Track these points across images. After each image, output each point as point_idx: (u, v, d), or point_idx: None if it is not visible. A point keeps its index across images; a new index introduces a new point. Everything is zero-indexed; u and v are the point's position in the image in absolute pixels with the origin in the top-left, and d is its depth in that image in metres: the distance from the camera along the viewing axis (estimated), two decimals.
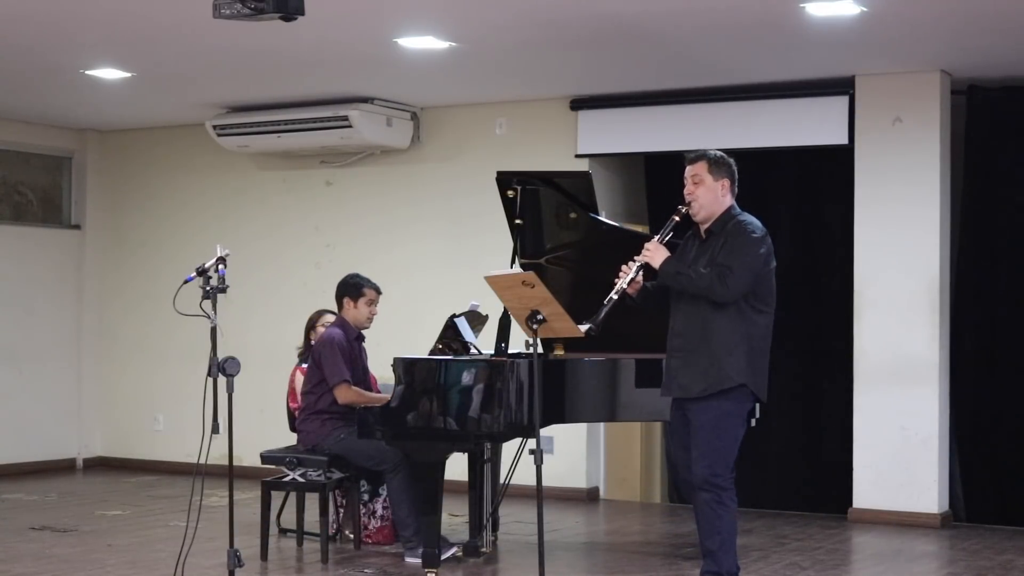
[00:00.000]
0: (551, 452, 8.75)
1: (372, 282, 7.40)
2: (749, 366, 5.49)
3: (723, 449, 5.50)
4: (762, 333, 5.55)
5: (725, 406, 5.49)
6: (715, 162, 5.63)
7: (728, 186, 5.63)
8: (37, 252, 10.98)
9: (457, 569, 6.84)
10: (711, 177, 5.59)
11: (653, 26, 7.23)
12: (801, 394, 9.23)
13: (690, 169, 5.65)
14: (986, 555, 7.42)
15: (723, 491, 5.48)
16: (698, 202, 5.59)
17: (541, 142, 9.47)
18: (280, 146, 9.88)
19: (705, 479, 5.47)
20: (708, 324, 5.48)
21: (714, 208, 5.60)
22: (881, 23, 7.14)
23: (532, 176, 6.98)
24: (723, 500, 5.48)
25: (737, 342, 5.45)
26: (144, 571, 6.77)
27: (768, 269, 5.57)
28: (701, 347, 5.50)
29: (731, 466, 5.53)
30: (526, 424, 6.23)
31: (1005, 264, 8.77)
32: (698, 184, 5.60)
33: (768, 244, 5.57)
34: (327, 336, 7.28)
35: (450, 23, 7.29)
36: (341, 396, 7.14)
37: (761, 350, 5.55)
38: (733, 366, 5.45)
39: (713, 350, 5.46)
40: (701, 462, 5.48)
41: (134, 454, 11.15)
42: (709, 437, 5.48)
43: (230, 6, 5.21)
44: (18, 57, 8.18)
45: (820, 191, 9.28)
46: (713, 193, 5.59)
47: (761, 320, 5.54)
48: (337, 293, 7.41)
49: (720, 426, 5.49)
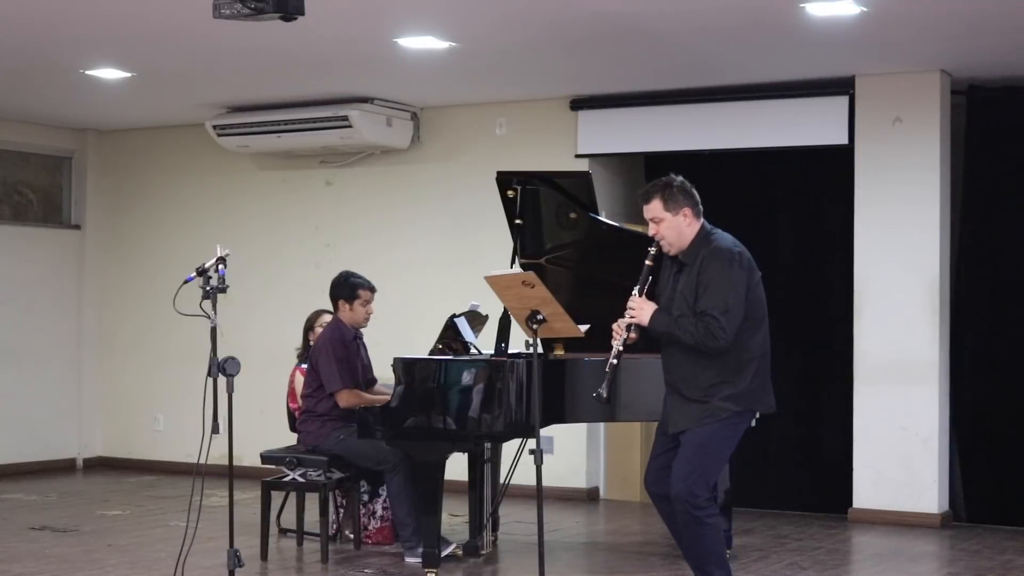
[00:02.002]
0: (551, 452, 8.76)
1: (366, 281, 7.36)
2: (748, 391, 5.34)
3: (706, 469, 5.36)
4: (762, 351, 5.40)
5: (717, 427, 5.34)
6: (667, 196, 5.39)
7: (690, 213, 5.39)
8: (37, 252, 10.98)
9: (457, 569, 6.84)
10: (669, 214, 5.36)
11: (653, 26, 7.23)
12: (801, 394, 9.22)
13: (646, 211, 5.40)
14: (986, 555, 7.42)
15: (701, 510, 5.33)
16: (666, 240, 5.39)
17: (541, 142, 9.47)
18: (280, 146, 9.88)
19: (683, 498, 5.32)
20: (698, 360, 5.31)
21: (684, 240, 5.39)
22: (881, 23, 7.13)
23: (532, 176, 6.97)
24: (702, 519, 5.33)
25: (732, 373, 5.31)
26: (144, 571, 6.78)
27: (752, 286, 5.37)
28: (691, 384, 5.34)
29: (710, 485, 5.38)
30: (526, 424, 6.23)
31: (1005, 264, 8.77)
32: (659, 223, 5.39)
33: (744, 261, 5.35)
34: (323, 341, 7.26)
35: (450, 23, 7.29)
36: (342, 402, 7.14)
37: (761, 368, 5.40)
38: (727, 399, 5.30)
39: (704, 386, 5.31)
40: (680, 478, 5.32)
41: (134, 454, 11.16)
42: (696, 455, 5.33)
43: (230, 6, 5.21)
44: (18, 57, 8.18)
45: (820, 191, 9.28)
46: (676, 228, 5.37)
47: (758, 337, 5.39)
48: (331, 295, 7.38)
49: (711, 448, 5.36)
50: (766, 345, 5.45)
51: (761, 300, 5.45)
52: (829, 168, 9.05)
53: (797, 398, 9.23)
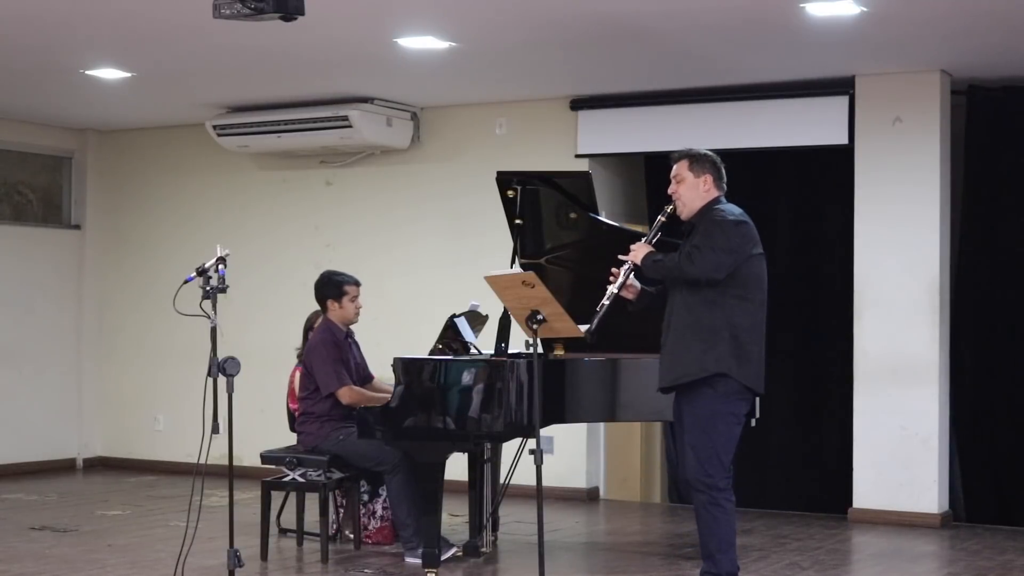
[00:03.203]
0: (551, 452, 8.76)
1: (350, 277, 7.37)
2: (733, 356, 5.41)
3: (714, 448, 5.42)
4: (748, 323, 5.46)
5: (716, 404, 5.42)
6: (695, 159, 5.65)
7: (711, 181, 5.62)
8: (37, 252, 10.98)
9: (457, 569, 6.84)
10: (691, 174, 5.61)
11: (653, 26, 7.23)
12: (801, 394, 9.23)
13: (672, 169, 5.69)
14: (986, 555, 7.42)
15: (717, 491, 5.41)
16: (681, 200, 5.62)
17: (541, 142, 9.47)
18: (280, 146, 9.88)
19: (697, 479, 5.43)
20: (688, 314, 5.46)
21: (696, 204, 5.61)
22: (881, 23, 7.14)
23: (532, 176, 6.98)
24: (718, 501, 5.41)
25: (718, 331, 5.40)
26: (144, 571, 6.77)
27: (748, 254, 5.48)
28: (678, 337, 5.48)
29: (726, 465, 5.45)
30: (526, 424, 6.22)
31: (1005, 264, 8.77)
32: (680, 182, 5.63)
33: (746, 230, 5.51)
34: (316, 343, 7.25)
35: (450, 23, 7.29)
36: (345, 399, 7.14)
37: (748, 340, 5.45)
38: (711, 355, 5.39)
39: (690, 339, 5.44)
40: (692, 461, 5.45)
41: (134, 454, 11.15)
42: (698, 435, 5.44)
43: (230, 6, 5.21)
44: (18, 57, 8.18)
45: (820, 191, 9.28)
46: (695, 190, 5.61)
47: (745, 309, 5.46)
48: (317, 296, 7.37)
49: (710, 424, 5.43)
50: (758, 324, 5.53)
51: (757, 276, 5.55)
52: (829, 168, 9.05)
53: (797, 398, 9.24)
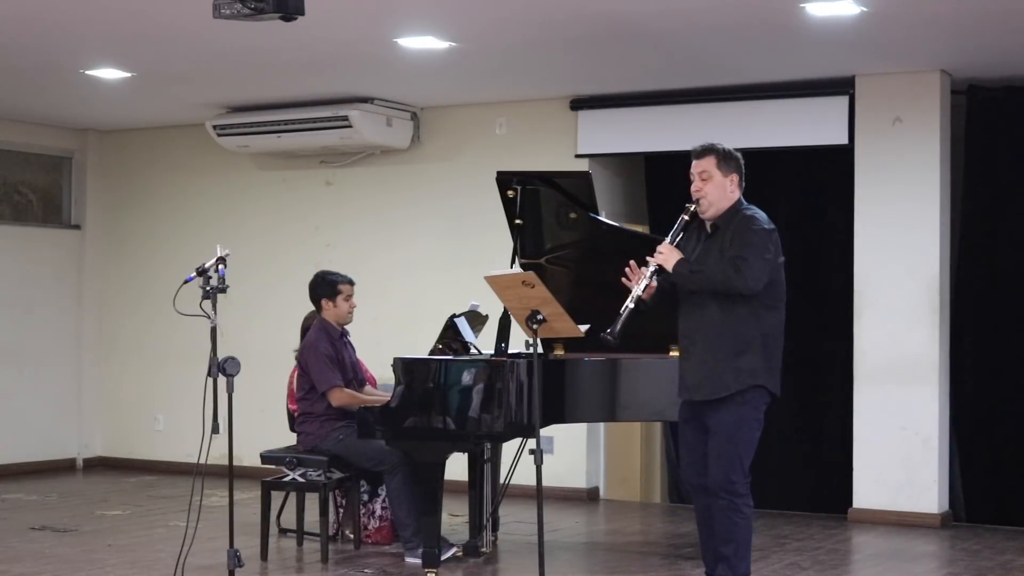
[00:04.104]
0: (551, 452, 8.75)
1: (343, 276, 7.38)
2: (765, 365, 5.35)
3: (740, 455, 5.38)
4: (776, 331, 5.41)
5: (743, 411, 5.35)
6: (724, 156, 5.44)
7: (737, 181, 5.44)
8: (37, 252, 10.98)
9: (457, 569, 6.84)
10: (720, 173, 5.40)
11: (653, 26, 7.23)
12: (801, 394, 9.22)
13: (697, 164, 5.44)
14: (986, 555, 7.41)
15: (739, 497, 5.37)
16: (707, 199, 5.39)
17: (541, 142, 9.47)
18: (280, 146, 9.88)
19: (721, 486, 5.36)
20: (719, 325, 5.32)
21: (722, 204, 5.41)
22: (881, 23, 7.13)
23: (532, 176, 6.97)
24: (738, 507, 5.37)
25: (750, 342, 5.31)
26: (144, 571, 6.77)
27: (778, 263, 5.41)
28: (712, 348, 5.34)
29: (747, 471, 5.41)
30: (526, 424, 6.22)
31: (1005, 264, 8.77)
32: (707, 180, 5.40)
33: (776, 239, 5.41)
34: (309, 343, 7.25)
35: (450, 23, 7.29)
36: (335, 400, 7.14)
37: (775, 348, 5.41)
38: (748, 368, 5.31)
39: (726, 352, 5.31)
40: (717, 468, 5.36)
41: (134, 454, 11.15)
42: (726, 443, 5.36)
43: (230, 6, 5.21)
44: (18, 57, 8.18)
45: (820, 191, 9.28)
46: (722, 189, 5.40)
47: (773, 317, 5.39)
48: (312, 296, 7.39)
49: (738, 432, 5.37)
50: (782, 330, 5.46)
51: (783, 282, 5.48)
52: (829, 168, 9.05)
53: (797, 398, 9.23)
